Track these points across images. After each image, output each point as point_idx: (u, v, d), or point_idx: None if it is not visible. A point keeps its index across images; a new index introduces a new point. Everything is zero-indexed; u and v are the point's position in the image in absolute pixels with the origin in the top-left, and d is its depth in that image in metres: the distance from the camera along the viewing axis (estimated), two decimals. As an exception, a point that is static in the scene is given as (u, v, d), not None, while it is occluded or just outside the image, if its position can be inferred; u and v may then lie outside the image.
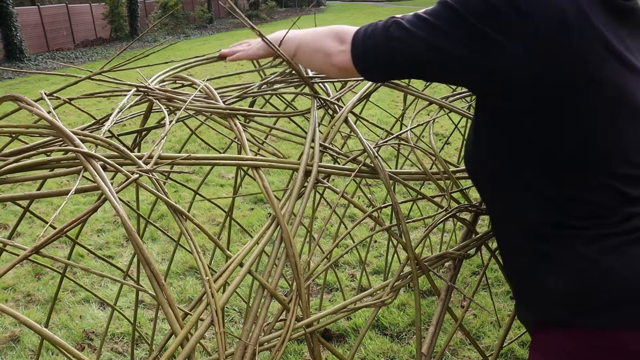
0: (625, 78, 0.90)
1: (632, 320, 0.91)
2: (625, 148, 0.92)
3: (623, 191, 0.93)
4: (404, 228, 1.10)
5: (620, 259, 0.92)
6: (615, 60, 0.89)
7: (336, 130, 1.20)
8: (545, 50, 0.86)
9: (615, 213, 0.93)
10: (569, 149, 0.92)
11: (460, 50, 0.91)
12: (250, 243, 0.86)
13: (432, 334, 1.08)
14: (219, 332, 0.71)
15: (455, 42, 0.91)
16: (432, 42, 0.93)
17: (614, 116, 0.90)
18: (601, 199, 0.93)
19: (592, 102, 0.89)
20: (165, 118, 1.07)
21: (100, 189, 0.77)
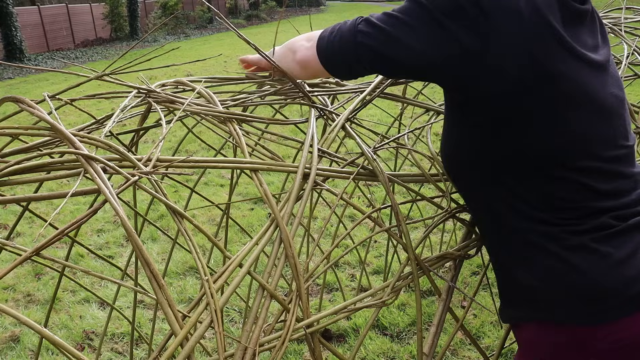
0: (584, 74, 0.94)
1: (596, 317, 0.93)
2: (587, 142, 0.95)
3: (589, 184, 0.95)
4: (403, 229, 1.10)
5: (587, 258, 0.94)
6: (573, 57, 0.93)
7: (334, 136, 1.21)
8: (504, 47, 0.90)
9: (582, 207, 0.95)
10: (527, 142, 0.95)
11: (426, 46, 0.94)
12: (250, 244, 0.86)
13: (433, 334, 1.08)
14: (219, 332, 0.71)
15: (422, 38, 0.94)
16: (399, 37, 0.96)
17: (571, 111, 0.93)
18: (566, 193, 0.95)
19: (548, 97, 0.92)
20: (162, 120, 1.07)
21: (100, 191, 0.78)
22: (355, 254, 3.57)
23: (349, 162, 1.18)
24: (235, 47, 15.34)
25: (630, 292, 0.92)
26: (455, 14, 0.91)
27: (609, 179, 0.96)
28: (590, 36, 0.99)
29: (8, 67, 13.70)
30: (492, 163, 1.00)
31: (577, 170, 0.95)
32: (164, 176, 1.70)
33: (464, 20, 0.91)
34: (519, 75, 0.91)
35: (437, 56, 0.94)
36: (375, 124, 2.59)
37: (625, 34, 2.03)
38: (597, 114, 0.95)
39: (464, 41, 0.91)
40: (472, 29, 0.91)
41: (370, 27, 0.99)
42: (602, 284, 0.93)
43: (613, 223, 0.95)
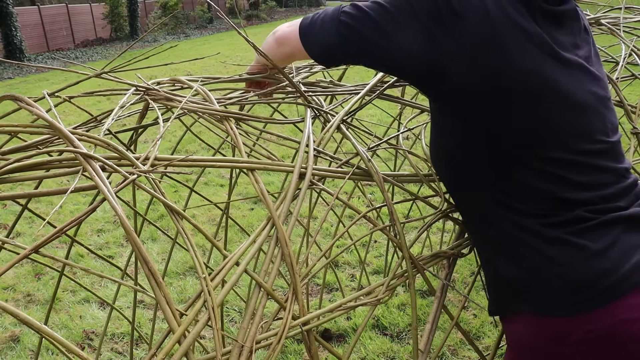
0: (556, 71, 0.98)
1: (571, 309, 0.96)
2: (558, 134, 0.98)
3: (563, 176, 0.98)
4: (398, 228, 1.12)
5: (564, 251, 0.97)
6: (545, 55, 0.97)
7: (329, 136, 1.22)
8: (475, 47, 0.96)
9: (557, 198, 0.98)
10: (499, 135, 0.99)
11: (408, 40, 0.99)
12: (247, 242, 0.87)
13: (428, 331, 1.09)
14: (216, 329, 0.71)
15: (405, 31, 0.99)
16: (383, 25, 1.01)
17: (541, 105, 0.97)
18: (541, 183, 0.99)
19: (517, 93, 0.96)
20: (159, 118, 1.07)
21: (99, 189, 0.78)
22: (355, 254, 3.58)
23: (343, 162, 1.19)
24: (235, 46, 15.35)
25: (604, 284, 0.94)
26: (433, 14, 0.97)
27: (585, 172, 0.99)
28: (569, 36, 1.03)
29: (8, 67, 13.70)
30: (468, 159, 1.05)
31: (551, 161, 0.98)
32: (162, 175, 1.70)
33: (439, 20, 0.97)
34: (488, 73, 0.96)
35: (415, 51, 0.99)
36: (375, 125, 2.59)
37: (624, 34, 2.04)
38: (569, 109, 0.99)
39: (440, 39, 0.97)
40: (446, 29, 0.97)
41: (356, 10, 1.04)
42: (578, 276, 0.96)
43: (588, 216, 0.98)
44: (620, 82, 1.83)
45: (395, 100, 1.43)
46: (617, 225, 0.98)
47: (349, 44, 1.06)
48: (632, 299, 0.94)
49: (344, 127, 1.28)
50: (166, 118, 1.19)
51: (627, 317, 0.93)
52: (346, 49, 1.07)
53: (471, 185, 1.07)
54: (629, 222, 0.99)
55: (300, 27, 1.14)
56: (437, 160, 1.15)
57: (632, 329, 0.93)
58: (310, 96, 1.37)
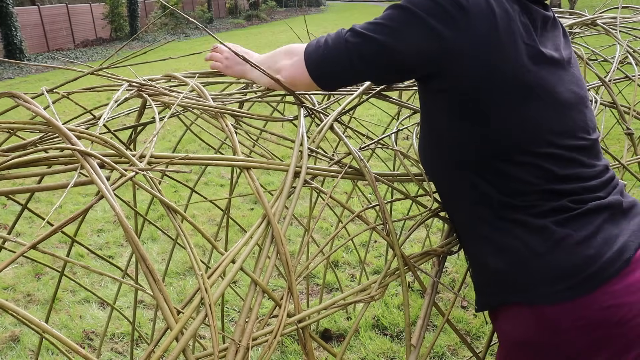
0: (545, 70, 1.03)
1: (558, 297, 0.98)
2: (544, 130, 1.03)
3: (548, 168, 1.02)
4: (390, 227, 1.13)
5: (549, 240, 1.00)
6: (536, 54, 1.02)
7: (322, 135, 1.23)
8: (479, 42, 0.99)
9: (543, 189, 1.02)
10: (491, 129, 1.02)
11: (409, 41, 1.02)
12: (243, 240, 0.87)
13: (420, 326, 1.10)
14: (212, 326, 0.72)
15: (409, 39, 1.02)
16: (388, 43, 1.04)
17: (531, 101, 1.02)
18: (527, 176, 1.02)
19: (512, 88, 1.00)
20: (155, 114, 1.08)
21: (96, 186, 0.78)
22: (355, 254, 3.58)
23: (336, 162, 1.20)
24: (236, 47, 15.33)
25: (590, 271, 0.97)
26: (435, 11, 1.00)
27: (569, 166, 1.04)
28: (552, 39, 1.10)
29: (8, 67, 13.71)
30: (456, 156, 1.07)
31: (537, 155, 1.02)
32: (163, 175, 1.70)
33: (443, 17, 1.00)
34: (490, 69, 1.00)
35: (419, 49, 1.02)
36: (375, 125, 2.60)
37: (622, 35, 2.04)
38: (554, 106, 1.04)
39: (444, 35, 1.00)
40: (451, 24, 0.99)
41: (361, 39, 1.06)
42: (564, 264, 0.99)
43: (572, 206, 1.01)
44: (617, 84, 1.83)
45: (390, 100, 1.44)
46: (599, 214, 1.02)
47: (361, 66, 1.09)
48: (616, 285, 0.97)
49: (339, 126, 1.30)
50: (163, 115, 1.19)
51: (612, 304, 0.96)
52: (363, 77, 1.13)
53: (460, 182, 1.10)
54: (609, 210, 1.03)
55: (308, 64, 1.14)
56: (425, 159, 1.18)
57: (618, 315, 0.96)
58: (303, 95, 1.38)
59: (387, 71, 1.09)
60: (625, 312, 0.96)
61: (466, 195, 1.09)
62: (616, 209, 1.05)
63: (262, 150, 1.22)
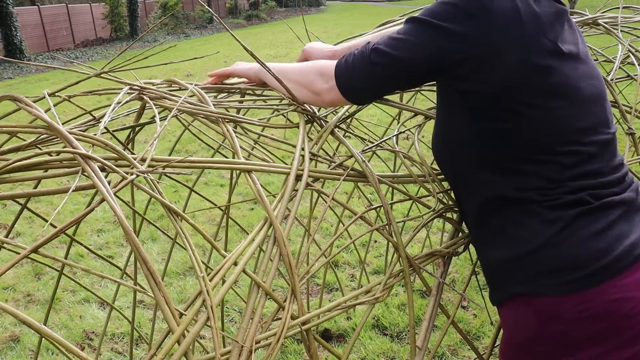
0: (568, 66, 1.04)
1: (566, 288, 1.00)
2: (570, 128, 1.04)
3: (569, 165, 1.03)
4: (394, 228, 1.13)
5: (563, 231, 1.01)
6: (559, 51, 1.03)
7: (324, 139, 1.24)
8: (504, 42, 1.00)
9: (564, 185, 1.03)
10: (518, 130, 1.03)
11: (437, 55, 1.04)
12: (245, 242, 0.87)
13: (425, 328, 1.10)
14: (215, 329, 0.71)
15: (431, 50, 1.04)
16: (410, 58, 1.07)
17: (558, 100, 1.03)
18: (547, 173, 1.03)
19: (539, 88, 1.01)
20: (156, 117, 1.08)
21: (98, 189, 0.78)
22: (355, 254, 3.58)
23: (338, 164, 1.20)
24: (235, 47, 15.35)
25: (599, 264, 0.99)
26: (454, 15, 1.02)
27: (590, 161, 1.05)
28: (569, 33, 1.09)
29: (8, 67, 13.71)
30: (477, 154, 1.08)
31: (559, 154, 1.03)
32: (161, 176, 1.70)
33: (464, 19, 1.01)
34: (515, 68, 1.00)
35: (441, 57, 1.04)
36: (375, 125, 2.60)
37: (623, 34, 2.03)
38: (578, 102, 1.04)
39: (468, 36, 1.01)
40: (473, 25, 1.00)
41: (385, 58, 1.09)
42: (573, 256, 1.00)
43: (589, 200, 1.02)
44: (618, 83, 1.83)
45: (390, 104, 1.44)
46: (613, 209, 1.03)
47: (391, 89, 1.19)
48: (625, 279, 0.98)
49: (340, 129, 1.30)
50: (163, 117, 1.19)
51: (621, 297, 0.98)
52: (394, 89, 1.22)
53: (475, 179, 1.11)
54: (623, 207, 1.04)
55: (343, 92, 1.18)
56: (439, 154, 1.19)
57: (625, 308, 0.97)
58: None
59: (416, 80, 1.15)
60: (633, 305, 0.97)
61: (481, 191, 1.10)
62: (630, 205, 1.06)
63: (262, 154, 1.22)
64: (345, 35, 9.67)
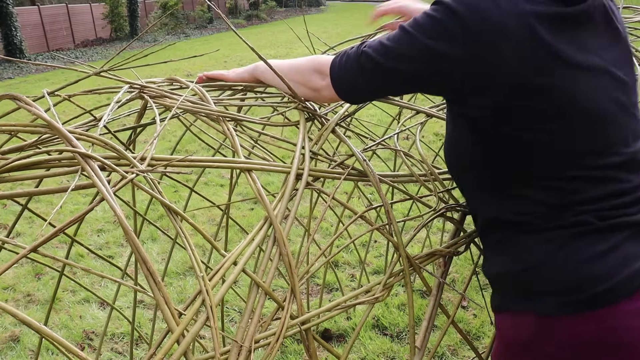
0: (579, 81, 0.93)
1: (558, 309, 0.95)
2: (575, 153, 0.95)
3: (575, 190, 0.96)
4: (394, 227, 1.12)
5: (561, 251, 0.96)
6: (566, 65, 0.92)
7: (324, 138, 1.23)
8: (492, 62, 0.91)
9: (568, 209, 0.96)
10: (517, 153, 0.97)
11: (420, 68, 0.99)
12: (245, 242, 0.87)
13: (425, 328, 1.09)
14: (214, 328, 0.71)
15: (415, 62, 0.99)
16: (396, 67, 1.02)
17: (560, 121, 0.93)
18: (548, 199, 0.97)
19: (537, 109, 0.93)
20: (156, 116, 1.07)
21: (98, 189, 0.78)
22: (355, 254, 3.58)
23: (339, 164, 1.20)
24: (235, 47, 15.35)
25: (597, 289, 0.92)
26: (440, 35, 0.94)
27: (600, 185, 0.96)
28: (592, 37, 0.96)
29: (8, 67, 13.71)
30: (475, 170, 1.05)
31: (562, 179, 0.96)
32: (162, 176, 1.70)
33: (450, 40, 0.93)
34: (508, 89, 0.92)
35: (422, 72, 1.00)
36: (375, 125, 2.60)
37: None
38: (584, 123, 0.95)
39: (452, 59, 0.94)
40: (458, 46, 0.93)
41: (373, 65, 1.05)
42: (571, 277, 0.95)
43: (592, 220, 0.95)
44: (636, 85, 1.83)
45: (391, 102, 1.44)
46: (621, 231, 0.95)
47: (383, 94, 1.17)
48: (628, 306, 0.92)
49: (340, 128, 1.29)
50: (164, 117, 1.19)
51: (620, 325, 0.92)
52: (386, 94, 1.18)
53: (476, 193, 1.09)
54: (634, 228, 0.96)
55: (338, 93, 1.15)
56: (450, 166, 1.15)
57: (622, 337, 0.92)
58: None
59: (408, 90, 1.12)
60: (632, 335, 0.91)
61: (481, 210, 1.08)
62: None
63: (263, 152, 1.22)
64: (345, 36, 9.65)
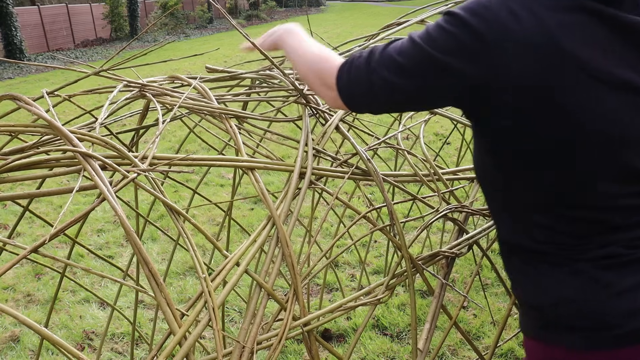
0: (617, 102, 0.85)
1: (593, 344, 0.91)
2: (605, 181, 0.88)
3: (602, 220, 0.90)
4: (398, 228, 1.11)
5: (587, 285, 0.91)
6: (603, 85, 0.84)
7: (328, 135, 1.22)
8: (513, 81, 0.84)
9: (594, 240, 0.90)
10: (538, 180, 0.91)
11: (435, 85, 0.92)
12: (247, 242, 0.87)
13: (427, 330, 1.09)
14: (217, 330, 0.71)
15: (430, 79, 0.91)
16: (411, 85, 0.93)
17: (588, 147, 0.86)
18: (576, 230, 0.91)
19: (562, 133, 0.86)
20: (159, 114, 1.07)
21: (99, 189, 0.78)
22: (355, 254, 3.57)
23: (342, 162, 1.19)
24: (235, 47, 15.33)
25: (627, 327, 0.88)
26: (457, 51, 0.87)
27: (629, 215, 0.90)
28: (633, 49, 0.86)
29: (8, 67, 13.70)
30: (499, 194, 1.00)
31: (591, 209, 0.90)
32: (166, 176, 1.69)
33: (467, 57, 0.86)
34: (532, 110, 0.85)
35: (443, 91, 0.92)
36: (375, 125, 2.60)
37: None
38: (615, 145, 0.86)
39: (469, 76, 0.87)
40: (476, 63, 0.86)
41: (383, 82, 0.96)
42: (598, 313, 0.90)
43: (623, 252, 0.89)
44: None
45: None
46: None
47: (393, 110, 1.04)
48: None
49: (344, 126, 1.29)
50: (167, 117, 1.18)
51: None
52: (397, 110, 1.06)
53: (500, 217, 1.03)
54: None
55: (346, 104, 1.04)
56: (480, 184, 1.08)
57: None
58: (309, 95, 1.37)
59: (412, 107, 1.03)
60: None
61: (502, 231, 1.03)
62: None
63: (266, 151, 1.22)
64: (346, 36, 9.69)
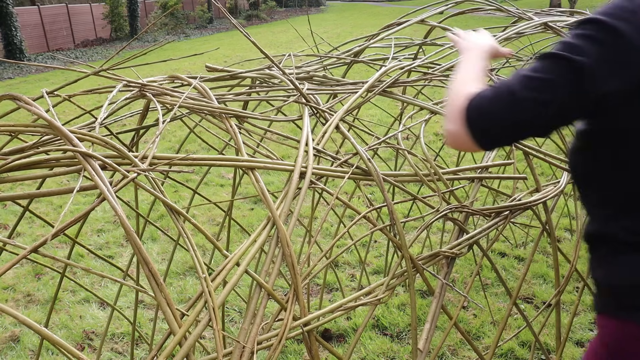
0: None
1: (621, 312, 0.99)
2: None
3: None
4: (398, 228, 1.11)
5: None
6: None
7: (328, 135, 1.22)
8: None
9: None
10: None
11: (577, 92, 0.93)
12: (247, 242, 0.86)
13: (427, 330, 1.09)
14: (217, 330, 0.71)
15: (572, 87, 0.92)
16: (554, 100, 0.94)
17: None
18: None
19: None
20: (159, 114, 1.07)
21: (99, 188, 0.78)
22: (355, 254, 3.58)
23: (343, 162, 1.19)
24: (235, 46, 15.34)
25: None
26: (605, 56, 0.90)
27: None
28: None
29: (8, 67, 13.71)
30: (605, 192, 1.04)
31: None
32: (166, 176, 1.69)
33: (615, 61, 0.90)
34: None
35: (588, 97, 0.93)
36: (375, 125, 2.60)
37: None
38: None
39: (622, 80, 0.90)
40: (625, 67, 0.90)
41: (529, 105, 0.95)
42: None
43: None
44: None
45: (395, 97, 1.43)
46: None
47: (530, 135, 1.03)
48: None
49: (344, 126, 1.28)
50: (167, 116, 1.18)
51: None
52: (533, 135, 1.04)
53: (603, 212, 1.07)
54: None
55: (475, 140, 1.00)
56: (577, 177, 1.13)
57: None
58: (309, 94, 1.37)
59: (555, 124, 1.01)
60: None
61: (599, 221, 1.07)
62: None
63: (266, 151, 1.21)
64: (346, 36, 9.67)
